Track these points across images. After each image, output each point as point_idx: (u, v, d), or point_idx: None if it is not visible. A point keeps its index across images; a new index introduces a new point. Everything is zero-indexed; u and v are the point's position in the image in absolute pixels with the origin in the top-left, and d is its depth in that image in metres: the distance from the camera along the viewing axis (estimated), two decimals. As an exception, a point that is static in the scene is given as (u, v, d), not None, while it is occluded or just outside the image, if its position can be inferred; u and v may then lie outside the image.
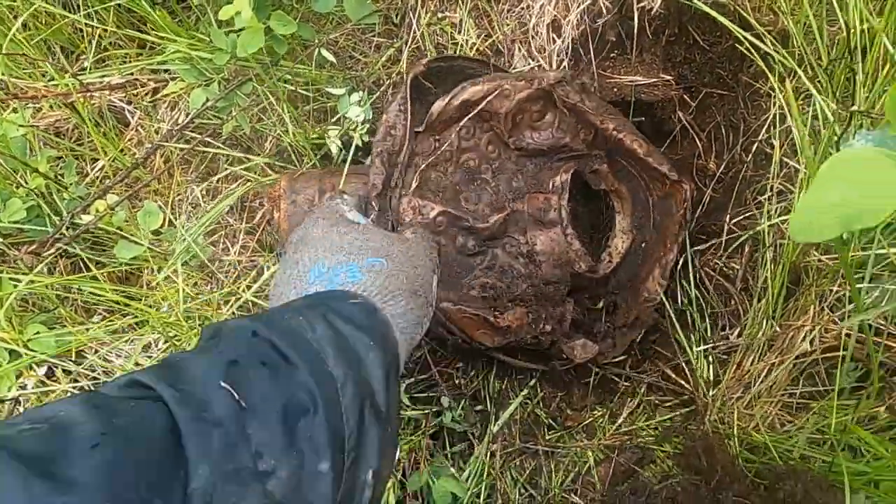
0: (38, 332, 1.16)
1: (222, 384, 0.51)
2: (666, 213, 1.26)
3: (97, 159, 1.43)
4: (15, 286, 1.11)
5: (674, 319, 1.17)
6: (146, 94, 1.46)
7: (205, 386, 0.51)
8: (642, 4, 1.31)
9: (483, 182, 1.21)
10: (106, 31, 1.41)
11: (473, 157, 1.20)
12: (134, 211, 1.29)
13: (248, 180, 1.41)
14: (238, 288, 1.33)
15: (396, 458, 0.72)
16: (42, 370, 1.21)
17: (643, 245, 1.28)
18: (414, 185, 1.08)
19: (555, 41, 1.35)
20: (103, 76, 1.32)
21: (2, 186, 1.21)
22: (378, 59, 1.43)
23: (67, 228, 1.13)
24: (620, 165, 1.29)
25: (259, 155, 1.38)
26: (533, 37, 1.36)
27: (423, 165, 1.13)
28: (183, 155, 1.38)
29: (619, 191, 1.29)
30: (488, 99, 1.15)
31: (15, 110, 1.25)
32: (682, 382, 1.14)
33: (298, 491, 0.50)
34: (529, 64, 1.37)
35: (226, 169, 1.44)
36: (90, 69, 1.34)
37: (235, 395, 0.51)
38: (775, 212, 1.07)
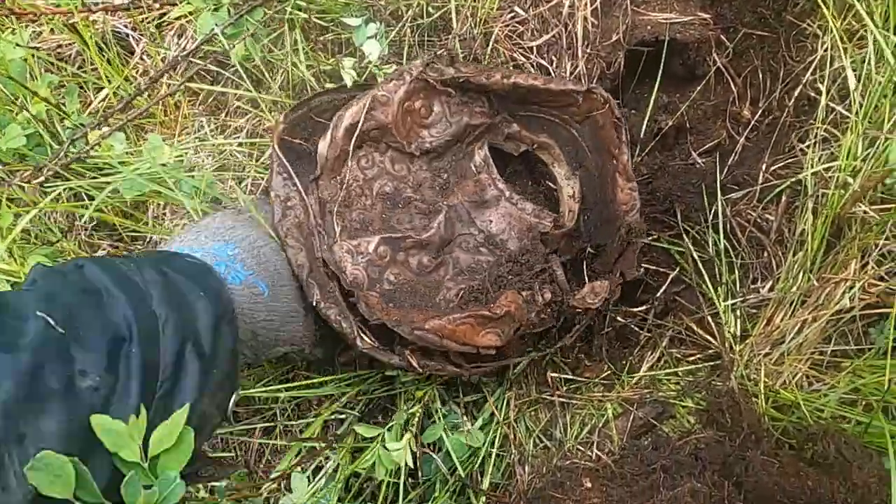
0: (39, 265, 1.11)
1: (38, 313, 0.59)
2: (595, 129, 1.18)
3: (101, 88, 1.37)
4: (16, 217, 1.07)
5: (702, 271, 1.11)
6: (152, 20, 1.39)
7: (20, 316, 0.59)
8: (684, -67, 1.22)
9: (407, 200, 1.13)
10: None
11: (386, 182, 1.12)
12: (139, 144, 1.23)
13: (258, 115, 1.35)
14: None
15: (231, 402, 0.76)
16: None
17: (596, 175, 1.21)
18: (338, 230, 1.01)
19: (587, -28, 1.26)
20: None
21: (1, 112, 1.16)
22: (395, -11, 1.34)
23: (66, 157, 1.08)
24: (530, 116, 1.21)
25: (269, 88, 1.31)
26: (563, -34, 1.27)
27: (338, 208, 1.04)
28: (189, 85, 1.32)
29: (542, 142, 1.21)
30: (369, 113, 1.06)
31: (13, 31, 1.18)
32: (707, 337, 1.09)
33: (108, 407, 0.59)
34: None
35: (235, 102, 1.37)
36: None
37: (51, 321, 0.59)
38: (819, 159, 1.00)
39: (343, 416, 1.11)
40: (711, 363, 1.09)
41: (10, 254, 1.13)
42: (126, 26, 1.39)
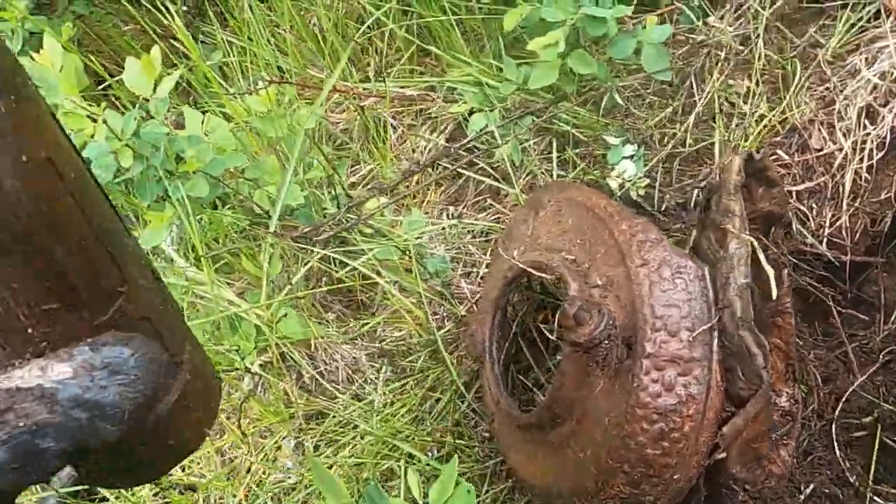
0: (286, 315, 1.17)
1: None
2: None
3: (357, 164, 1.48)
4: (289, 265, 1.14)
5: None
6: (411, 112, 1.50)
7: None
8: None
9: None
10: (392, 44, 1.48)
11: None
12: (396, 217, 1.29)
13: (498, 212, 1.40)
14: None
15: None
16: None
17: None
18: None
19: (866, 127, 1.24)
20: (403, 86, 1.36)
21: (276, 170, 1.26)
22: (653, 116, 1.38)
23: (343, 221, 1.15)
24: None
25: (513, 188, 1.35)
26: (840, 118, 1.26)
27: None
28: (441, 175, 1.39)
29: None
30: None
31: (309, 102, 1.31)
32: None
33: None
34: (829, 147, 1.26)
35: (474, 197, 1.43)
36: (384, 76, 1.39)
37: None
38: None
39: None
40: None
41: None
42: (389, 113, 1.51)
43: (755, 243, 0.79)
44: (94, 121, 0.99)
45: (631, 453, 0.80)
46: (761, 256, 0.78)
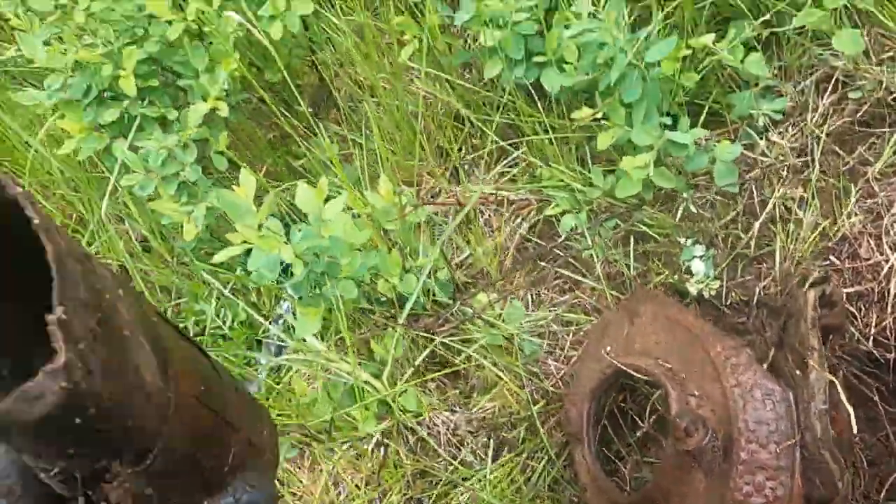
0: (406, 391, 1.36)
1: None
2: None
3: (448, 241, 1.68)
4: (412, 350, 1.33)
5: None
6: (496, 205, 1.70)
7: None
8: None
9: None
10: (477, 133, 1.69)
11: None
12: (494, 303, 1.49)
13: (577, 296, 1.59)
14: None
15: None
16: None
17: None
18: None
19: (910, 242, 1.42)
20: (509, 190, 1.56)
21: (398, 264, 1.46)
22: (718, 217, 1.57)
23: (457, 313, 1.35)
24: None
25: (595, 281, 1.54)
26: (886, 232, 1.44)
27: None
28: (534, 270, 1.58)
29: None
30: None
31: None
32: None
33: None
34: (877, 257, 1.44)
35: (554, 281, 1.63)
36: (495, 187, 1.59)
37: None
38: None
39: None
40: None
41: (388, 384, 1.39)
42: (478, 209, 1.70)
43: (836, 381, 0.98)
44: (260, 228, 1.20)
45: None
46: (842, 396, 0.96)
